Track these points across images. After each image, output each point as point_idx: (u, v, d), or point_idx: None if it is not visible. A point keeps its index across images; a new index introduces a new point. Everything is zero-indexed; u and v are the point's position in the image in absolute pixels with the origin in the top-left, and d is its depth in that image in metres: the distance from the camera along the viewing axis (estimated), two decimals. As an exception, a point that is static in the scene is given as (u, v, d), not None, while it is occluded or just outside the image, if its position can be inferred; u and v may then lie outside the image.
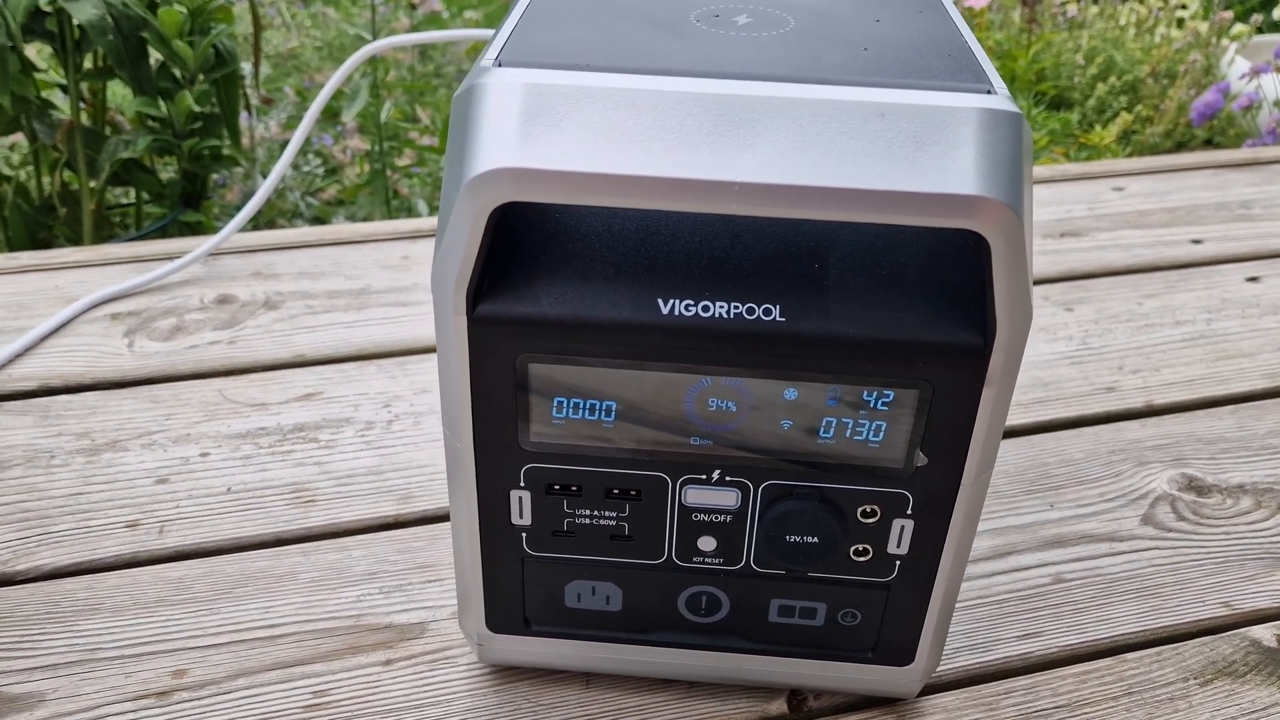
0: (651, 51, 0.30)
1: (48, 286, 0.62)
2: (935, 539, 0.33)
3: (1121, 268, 0.67)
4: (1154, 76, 1.66)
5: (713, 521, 0.33)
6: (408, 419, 0.52)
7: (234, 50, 0.90)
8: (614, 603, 0.36)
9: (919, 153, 0.26)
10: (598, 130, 0.27)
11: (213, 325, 0.59)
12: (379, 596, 0.42)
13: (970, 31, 0.35)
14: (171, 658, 0.39)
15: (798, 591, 0.35)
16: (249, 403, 0.53)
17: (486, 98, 0.28)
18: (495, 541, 0.34)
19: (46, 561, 0.44)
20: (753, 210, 0.27)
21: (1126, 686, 0.39)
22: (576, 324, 0.29)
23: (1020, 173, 0.27)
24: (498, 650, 0.38)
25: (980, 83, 0.29)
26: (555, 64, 0.29)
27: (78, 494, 0.47)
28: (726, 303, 0.29)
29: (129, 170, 0.92)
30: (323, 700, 0.38)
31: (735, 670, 0.37)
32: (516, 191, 0.27)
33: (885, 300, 0.29)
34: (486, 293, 0.30)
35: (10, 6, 0.83)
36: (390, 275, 0.64)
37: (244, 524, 0.46)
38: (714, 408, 0.31)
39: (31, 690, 0.38)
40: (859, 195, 0.26)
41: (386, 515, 0.46)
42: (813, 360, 0.29)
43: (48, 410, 0.52)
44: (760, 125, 0.27)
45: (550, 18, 0.33)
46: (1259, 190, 0.78)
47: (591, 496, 0.33)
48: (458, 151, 0.28)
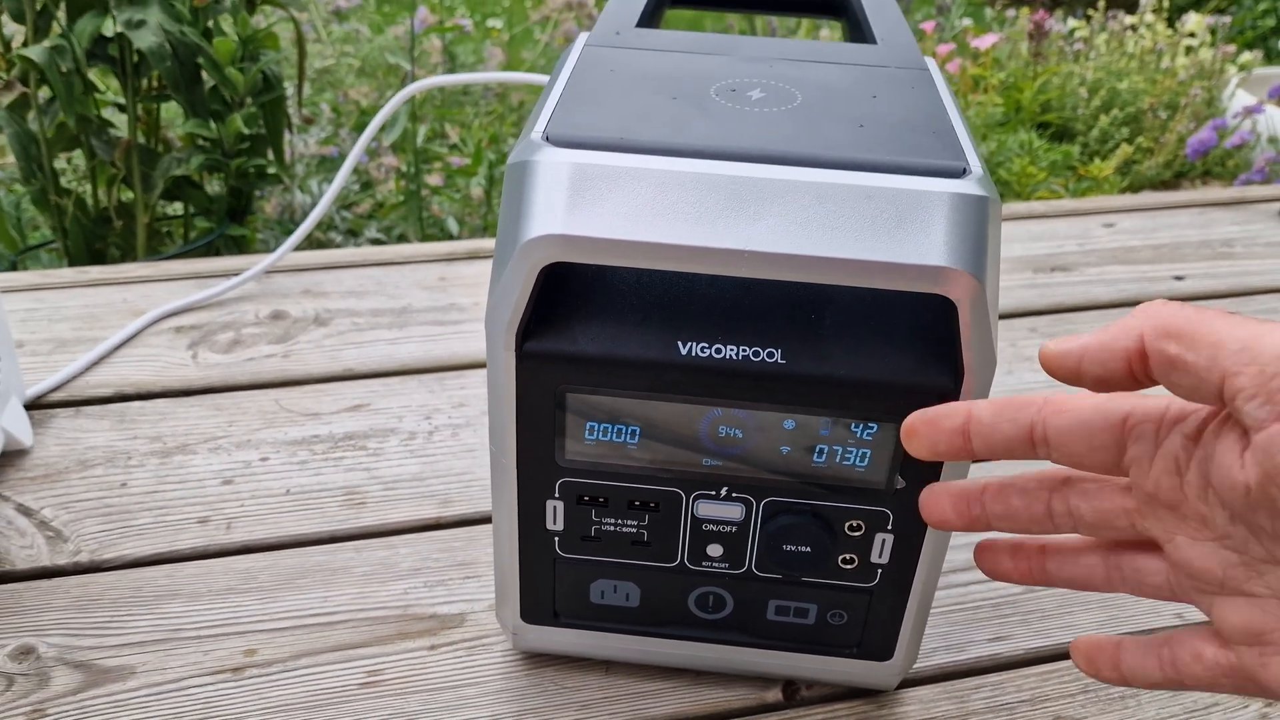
0: (677, 128, 0.35)
1: (116, 300, 0.68)
2: (912, 551, 0.38)
3: (1105, 302, 0.72)
4: (1153, 110, 1.70)
5: (720, 531, 0.38)
6: (447, 430, 0.58)
7: (280, 76, 0.96)
8: (633, 599, 0.41)
9: (899, 230, 0.32)
10: (632, 204, 0.32)
11: (268, 339, 0.65)
12: (423, 590, 0.48)
13: (956, 105, 0.40)
14: (243, 639, 0.45)
15: (792, 594, 0.40)
16: (303, 412, 0.59)
17: (539, 173, 0.33)
18: (531, 544, 0.40)
19: (129, 551, 0.49)
20: (760, 274, 0.32)
21: (1083, 685, 0.44)
22: (608, 360, 0.35)
23: (984, 247, 0.32)
24: (530, 639, 0.43)
25: (958, 161, 0.34)
26: (596, 143, 0.34)
27: (154, 492, 0.53)
28: (736, 346, 0.34)
29: (180, 186, 0.98)
30: (376, 678, 0.43)
31: (737, 661, 0.42)
32: (563, 254, 0.32)
33: (871, 347, 0.34)
34: (532, 333, 0.35)
35: (76, 33, 0.89)
36: (429, 295, 0.70)
37: (302, 522, 0.51)
38: (724, 434, 0.36)
39: (123, 664, 0.43)
40: (849, 264, 0.31)
41: (429, 517, 0.52)
42: (809, 396, 0.35)
43: (123, 415, 0.58)
44: (768, 203, 0.32)
45: (589, 92, 0.38)
46: (1241, 229, 0.83)
47: (616, 507, 0.38)
48: (513, 216, 0.34)
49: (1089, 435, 0.30)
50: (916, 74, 0.42)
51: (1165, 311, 0.28)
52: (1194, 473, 0.28)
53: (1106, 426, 0.29)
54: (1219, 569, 0.29)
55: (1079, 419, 0.30)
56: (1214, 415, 0.28)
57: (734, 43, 0.44)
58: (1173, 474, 0.29)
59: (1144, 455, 0.29)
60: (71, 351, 0.62)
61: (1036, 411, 0.30)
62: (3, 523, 0.50)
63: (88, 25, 0.90)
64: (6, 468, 0.54)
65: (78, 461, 0.54)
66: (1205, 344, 0.27)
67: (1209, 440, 0.28)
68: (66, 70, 0.88)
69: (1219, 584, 0.29)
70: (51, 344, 0.63)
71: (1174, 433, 0.29)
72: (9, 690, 0.42)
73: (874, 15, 0.49)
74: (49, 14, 0.93)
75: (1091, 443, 0.30)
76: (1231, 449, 0.27)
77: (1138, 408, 0.29)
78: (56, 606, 0.46)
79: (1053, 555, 0.34)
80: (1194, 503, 0.29)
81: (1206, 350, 0.27)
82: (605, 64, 0.41)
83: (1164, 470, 0.29)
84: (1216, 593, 0.29)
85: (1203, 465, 0.28)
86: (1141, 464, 0.29)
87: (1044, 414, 0.30)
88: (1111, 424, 0.29)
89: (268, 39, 0.96)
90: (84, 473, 0.54)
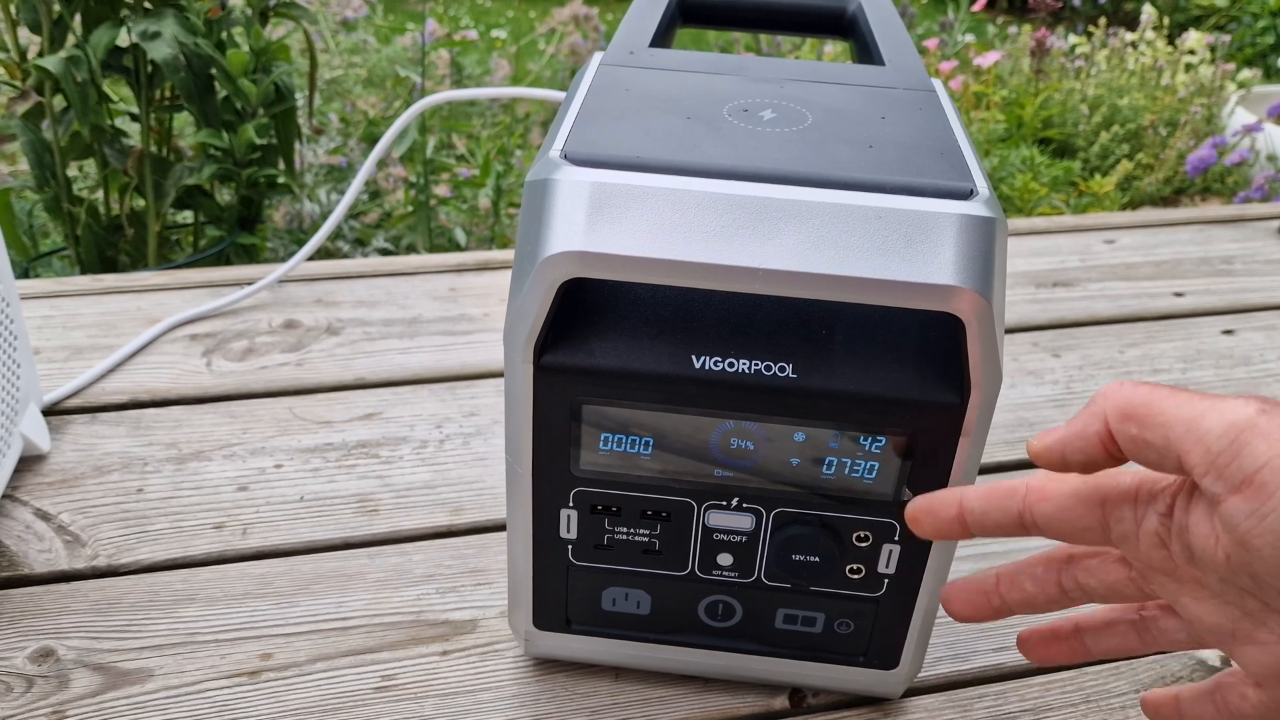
0: (692, 147, 0.36)
1: (131, 308, 0.69)
2: (918, 561, 0.39)
3: (1106, 317, 0.73)
4: (1153, 127, 1.72)
5: (730, 541, 0.39)
6: (458, 439, 0.59)
7: (292, 87, 0.98)
8: (643, 607, 0.42)
9: (909, 249, 0.33)
10: (650, 222, 0.33)
11: (281, 348, 0.66)
12: (436, 596, 0.48)
13: (962, 126, 0.42)
14: (259, 643, 0.46)
15: (801, 603, 0.41)
16: (316, 420, 0.60)
17: (559, 191, 0.34)
18: (545, 552, 0.40)
19: (146, 556, 0.50)
20: (774, 291, 0.33)
21: (1085, 695, 0.45)
22: (624, 373, 0.36)
23: (991, 266, 0.33)
24: (541, 645, 0.44)
25: (965, 182, 0.35)
26: (613, 162, 0.35)
27: (169, 498, 0.54)
28: (748, 360, 0.35)
29: (191, 195, 0.99)
30: (390, 683, 0.44)
31: (745, 669, 0.43)
32: (582, 270, 0.33)
33: (880, 363, 0.35)
34: (549, 346, 0.36)
35: (91, 44, 0.90)
36: (439, 306, 0.71)
37: (316, 529, 0.52)
38: (735, 446, 0.37)
39: (141, 667, 0.44)
40: (860, 282, 0.32)
41: (441, 525, 0.53)
42: (819, 410, 0.36)
43: (139, 422, 0.59)
44: (781, 223, 0.33)
45: (605, 111, 0.39)
46: (1241, 246, 0.84)
47: (629, 516, 0.39)
48: (533, 232, 0.34)
49: (1073, 520, 0.32)
50: (924, 96, 0.43)
51: (1122, 393, 0.30)
52: (1176, 544, 0.30)
53: (1087, 511, 0.32)
54: (1227, 623, 0.30)
55: (1060, 506, 0.32)
56: (1181, 487, 0.30)
57: (744, 63, 0.45)
58: (1159, 547, 0.31)
59: (1129, 533, 0.31)
60: (88, 359, 0.63)
61: (1021, 500, 0.32)
62: (21, 527, 0.51)
63: (103, 36, 0.91)
64: (25, 473, 0.54)
65: (94, 467, 0.55)
66: (1158, 424, 0.29)
67: (1181, 514, 0.30)
68: (81, 80, 0.89)
69: (1230, 635, 0.31)
70: (68, 351, 0.64)
71: (1149, 512, 0.31)
72: (29, 692, 0.43)
73: (882, 37, 0.50)
74: (65, 25, 0.94)
75: (1076, 526, 0.32)
76: (1202, 519, 0.29)
77: (1113, 490, 0.31)
78: (75, 610, 0.47)
79: (1088, 633, 0.36)
80: (1185, 569, 0.31)
81: (1160, 430, 0.29)
82: (620, 83, 0.42)
83: (1150, 545, 0.31)
84: (1229, 643, 0.31)
85: (1182, 537, 0.30)
86: (1129, 540, 0.31)
87: (1028, 502, 0.32)
88: (1091, 508, 0.32)
89: (280, 50, 0.97)
90: (100, 478, 0.55)
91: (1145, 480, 0.31)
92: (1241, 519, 0.27)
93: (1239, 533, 0.27)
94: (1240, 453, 0.27)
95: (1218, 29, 3.12)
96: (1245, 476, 0.27)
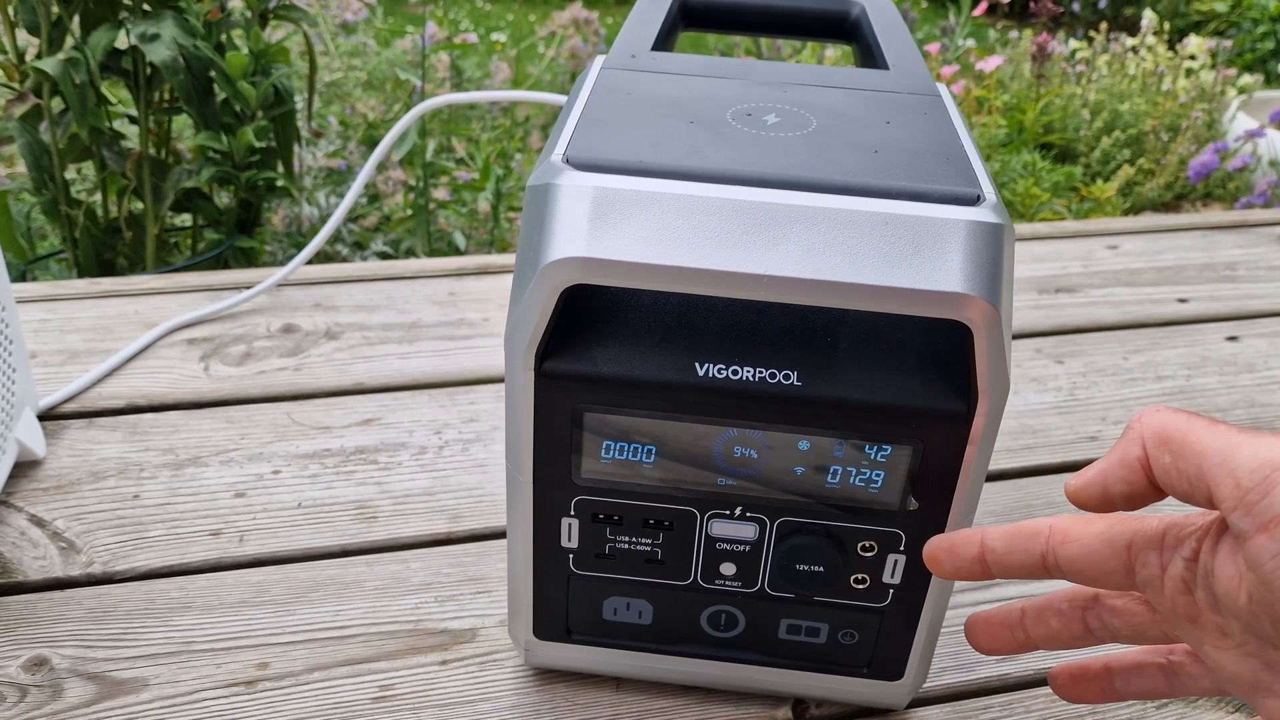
0: (695, 152, 0.36)
1: (129, 311, 0.68)
2: (924, 571, 0.38)
3: (1110, 324, 0.73)
4: (1155, 132, 1.72)
5: (734, 550, 0.39)
6: (457, 445, 0.58)
7: (292, 90, 0.97)
8: (645, 617, 0.41)
9: (916, 256, 0.32)
10: (653, 228, 0.33)
11: (279, 353, 0.65)
12: (434, 605, 0.48)
13: (968, 131, 0.41)
14: (255, 652, 0.45)
15: (805, 613, 0.40)
16: (314, 426, 0.59)
17: (561, 196, 0.34)
18: (546, 561, 0.40)
19: (142, 564, 0.49)
20: (779, 298, 0.32)
21: (1091, 707, 0.44)
22: (626, 381, 0.35)
23: (999, 273, 0.33)
24: (541, 655, 0.43)
25: (972, 188, 0.35)
26: (616, 167, 0.34)
27: (166, 504, 0.53)
28: (753, 368, 0.35)
29: (189, 198, 0.99)
30: (388, 693, 0.43)
31: (748, 680, 0.43)
32: (584, 276, 0.33)
33: (886, 370, 0.35)
34: (551, 353, 0.35)
35: (90, 46, 0.89)
36: (439, 310, 0.70)
37: (314, 536, 0.51)
38: (739, 454, 0.37)
39: (136, 676, 0.44)
40: (866, 289, 0.32)
41: (440, 532, 0.52)
42: (824, 418, 0.35)
43: (135, 427, 0.58)
44: (786, 229, 0.33)
45: (607, 115, 0.39)
46: (1244, 252, 0.84)
47: (631, 525, 0.39)
48: (535, 238, 0.34)
49: (1098, 564, 0.31)
50: (929, 100, 0.43)
51: (1160, 419, 0.30)
52: (1201, 590, 0.30)
53: (1112, 555, 0.31)
54: (1248, 673, 0.30)
55: (1085, 549, 0.31)
56: (1207, 531, 0.30)
57: (747, 67, 0.45)
58: (1183, 593, 0.30)
59: (1154, 578, 0.31)
60: (84, 363, 0.63)
61: (1044, 542, 0.32)
62: (16, 533, 0.51)
63: (102, 38, 0.90)
64: (20, 478, 0.54)
65: (90, 473, 0.55)
66: (1192, 454, 0.28)
67: (1207, 556, 0.29)
68: (80, 82, 0.88)
69: (1252, 686, 0.30)
70: (64, 355, 0.64)
71: (1175, 557, 0.30)
72: (23, 701, 0.42)
73: (885, 41, 0.50)
74: (63, 27, 0.93)
75: (1100, 570, 0.31)
76: (1227, 561, 0.28)
77: (1139, 534, 0.31)
78: (70, 618, 0.46)
79: (1118, 674, 0.36)
80: (1209, 615, 0.30)
81: (1193, 460, 0.28)
82: (622, 87, 0.41)
83: (1175, 590, 0.30)
84: (1252, 694, 0.30)
85: (1206, 581, 0.29)
86: (1154, 585, 0.31)
87: (1052, 544, 0.32)
88: (1116, 552, 0.31)
89: (279, 53, 0.97)
90: (96, 484, 0.54)
91: (1172, 525, 0.31)
92: (1267, 558, 0.26)
93: (1263, 572, 0.27)
94: (1270, 491, 0.26)
95: (1218, 34, 3.12)
96: (1274, 515, 0.26)
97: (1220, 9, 3.26)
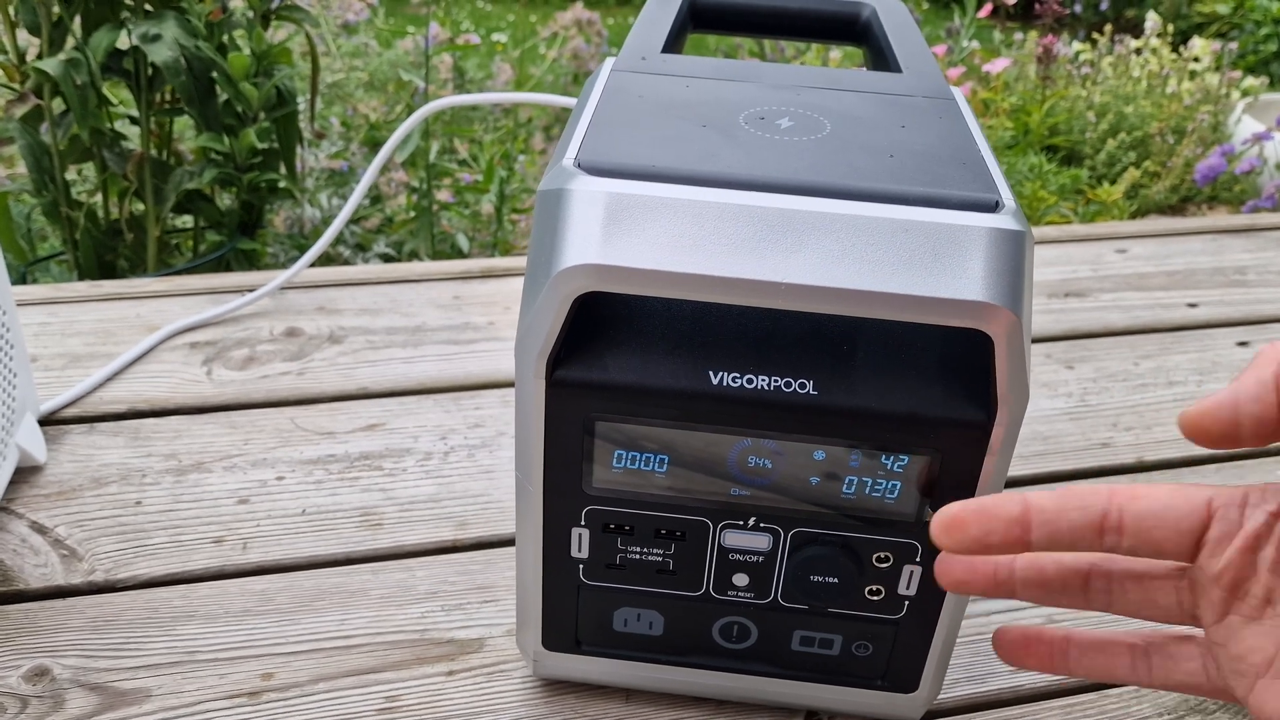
0: (709, 156, 0.35)
1: (130, 315, 0.68)
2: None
3: (1120, 329, 0.72)
4: (1160, 135, 1.71)
5: (747, 561, 0.38)
6: (462, 451, 0.57)
7: (294, 91, 0.97)
8: (656, 628, 0.40)
9: (936, 263, 0.31)
10: (668, 235, 0.32)
11: (282, 356, 0.65)
12: (441, 614, 0.47)
13: (983, 136, 0.41)
14: (259, 662, 0.44)
15: (818, 624, 0.39)
16: (318, 431, 0.58)
17: (574, 202, 0.33)
18: (556, 571, 0.39)
19: (144, 571, 0.49)
20: (797, 306, 0.32)
21: (1108, 717, 0.44)
22: (639, 389, 0.35)
23: (1021, 282, 0.32)
24: (550, 666, 0.43)
25: (990, 194, 0.34)
26: (629, 171, 0.34)
27: (168, 510, 0.52)
28: (768, 376, 0.34)
29: (191, 199, 0.98)
30: (394, 705, 0.43)
31: (759, 692, 0.42)
32: (598, 283, 0.32)
33: (904, 379, 0.34)
34: (563, 360, 0.35)
35: (91, 46, 0.89)
36: (443, 314, 0.70)
37: (318, 543, 0.51)
38: (753, 464, 0.36)
39: (139, 687, 0.43)
40: (886, 298, 0.31)
41: (445, 540, 0.51)
42: (840, 428, 0.34)
43: (137, 432, 0.58)
44: (804, 235, 0.32)
45: (618, 118, 0.38)
46: (1254, 256, 0.83)
47: (642, 535, 0.38)
48: (547, 244, 0.33)
49: (1174, 518, 0.29)
50: (943, 104, 0.42)
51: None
52: (1272, 546, 0.29)
53: (1190, 509, 0.29)
54: (1272, 647, 0.29)
55: (1162, 503, 0.29)
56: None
57: (758, 69, 0.44)
58: (1248, 551, 0.29)
59: (1225, 534, 0.29)
60: (85, 367, 0.62)
61: (1108, 499, 0.29)
62: (17, 541, 0.50)
63: (103, 39, 0.90)
64: (20, 484, 0.53)
65: (92, 479, 0.54)
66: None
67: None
68: (81, 83, 0.88)
69: (1267, 663, 0.29)
70: (65, 359, 0.63)
71: (1258, 509, 0.29)
72: (24, 712, 0.41)
73: (898, 43, 0.49)
74: (64, 27, 0.93)
75: (1177, 525, 0.29)
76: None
77: (1220, 492, 0.29)
78: (72, 627, 0.45)
79: (1078, 646, 0.35)
80: (1264, 577, 0.29)
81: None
82: (633, 90, 0.41)
83: (1241, 547, 0.29)
84: (1260, 674, 0.29)
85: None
86: (1219, 543, 0.29)
87: (1117, 500, 0.29)
88: (1195, 506, 0.29)
89: (282, 54, 0.96)
90: (98, 490, 0.53)
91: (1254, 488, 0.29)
92: None
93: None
94: None
95: (1220, 36, 3.12)
96: None
97: (1222, 11, 3.26)
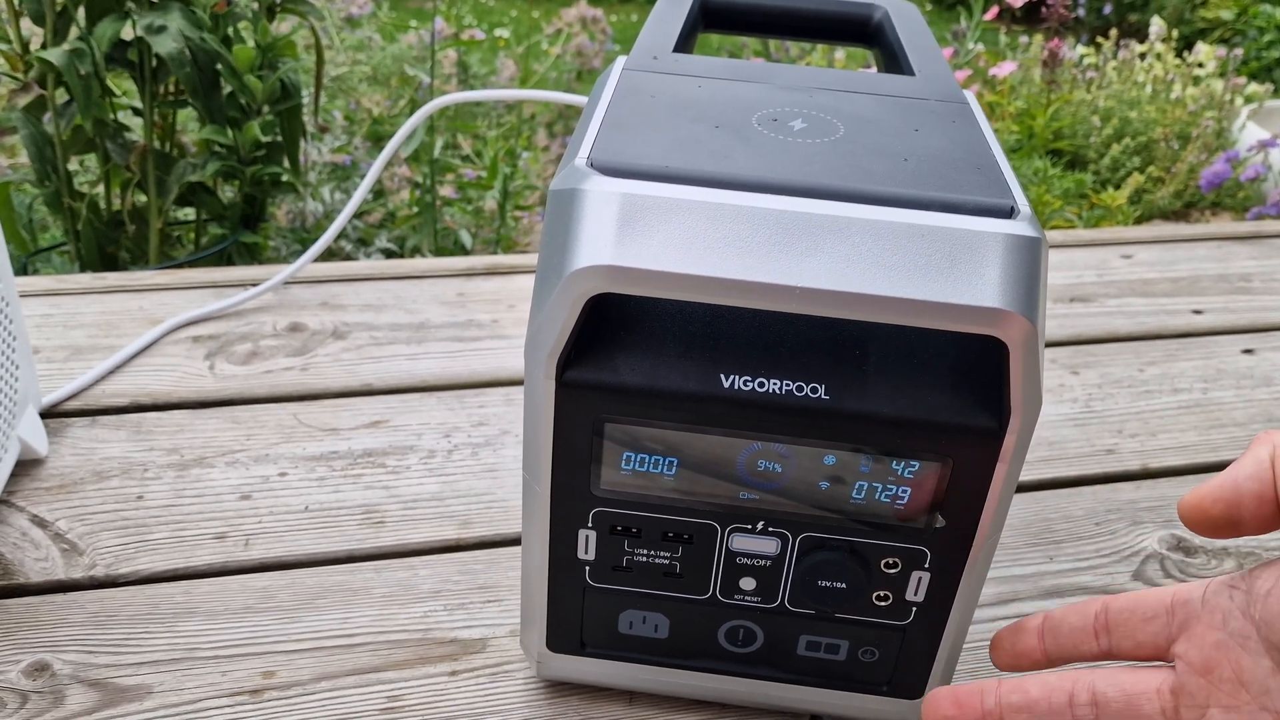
0: (722, 157, 0.35)
1: (133, 307, 0.67)
2: (948, 589, 0.38)
3: (1125, 334, 0.72)
4: (1165, 140, 1.71)
5: (754, 565, 0.38)
6: (466, 449, 0.57)
7: (299, 84, 0.96)
8: (661, 631, 0.40)
9: (952, 269, 0.31)
10: (681, 237, 0.32)
11: (285, 352, 0.64)
12: (443, 613, 0.47)
13: (996, 140, 0.40)
14: (261, 659, 0.44)
15: (824, 629, 0.39)
16: (321, 427, 0.58)
17: (587, 202, 0.33)
18: (561, 572, 0.39)
19: (145, 567, 0.48)
20: (811, 310, 0.32)
21: (1112, 728, 0.43)
22: (649, 392, 0.34)
23: (1036, 289, 0.32)
24: (554, 667, 0.42)
25: (1005, 200, 0.34)
26: (642, 172, 0.34)
27: (170, 505, 0.52)
28: (779, 380, 0.34)
29: (194, 192, 0.98)
30: (396, 704, 0.42)
31: (764, 696, 0.42)
32: (611, 285, 0.32)
33: (916, 385, 0.34)
34: (573, 362, 0.35)
35: (96, 37, 0.88)
36: (447, 311, 0.70)
37: (321, 541, 0.51)
38: (762, 468, 0.36)
39: (140, 683, 0.43)
40: (902, 303, 0.31)
41: (449, 538, 0.51)
42: (851, 433, 0.34)
43: (139, 426, 0.57)
44: (819, 239, 0.32)
45: (630, 118, 0.38)
46: (1259, 264, 0.83)
47: (649, 538, 0.38)
48: (559, 244, 0.33)
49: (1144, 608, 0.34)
50: (957, 108, 0.42)
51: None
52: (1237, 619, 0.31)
53: (1157, 600, 0.34)
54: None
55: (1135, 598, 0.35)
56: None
57: (771, 70, 0.44)
58: (1218, 628, 0.31)
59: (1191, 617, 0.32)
60: (88, 359, 0.62)
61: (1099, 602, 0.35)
62: (17, 534, 0.50)
63: (107, 29, 0.89)
64: (21, 477, 0.53)
65: (93, 473, 0.54)
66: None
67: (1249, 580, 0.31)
68: (84, 73, 0.87)
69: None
70: (67, 351, 0.63)
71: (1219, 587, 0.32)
72: (24, 708, 0.41)
73: (910, 46, 0.49)
74: (68, 17, 0.92)
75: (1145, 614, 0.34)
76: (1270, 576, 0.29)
77: (1182, 587, 0.34)
78: (72, 622, 0.45)
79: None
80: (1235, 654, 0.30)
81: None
82: (645, 89, 0.41)
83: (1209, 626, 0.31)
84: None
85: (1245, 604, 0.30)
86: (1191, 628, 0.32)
87: (1104, 601, 0.35)
88: (1161, 598, 0.34)
89: (286, 47, 0.95)
90: (100, 484, 0.53)
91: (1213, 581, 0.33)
92: None
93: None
94: None
95: (1223, 42, 3.12)
96: None
97: (1226, 16, 3.26)
